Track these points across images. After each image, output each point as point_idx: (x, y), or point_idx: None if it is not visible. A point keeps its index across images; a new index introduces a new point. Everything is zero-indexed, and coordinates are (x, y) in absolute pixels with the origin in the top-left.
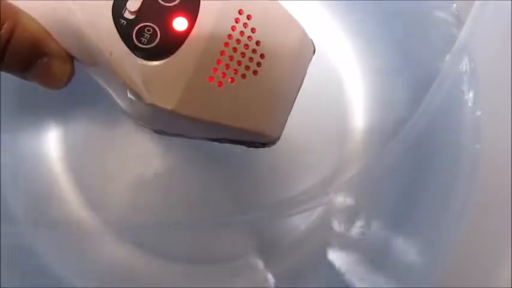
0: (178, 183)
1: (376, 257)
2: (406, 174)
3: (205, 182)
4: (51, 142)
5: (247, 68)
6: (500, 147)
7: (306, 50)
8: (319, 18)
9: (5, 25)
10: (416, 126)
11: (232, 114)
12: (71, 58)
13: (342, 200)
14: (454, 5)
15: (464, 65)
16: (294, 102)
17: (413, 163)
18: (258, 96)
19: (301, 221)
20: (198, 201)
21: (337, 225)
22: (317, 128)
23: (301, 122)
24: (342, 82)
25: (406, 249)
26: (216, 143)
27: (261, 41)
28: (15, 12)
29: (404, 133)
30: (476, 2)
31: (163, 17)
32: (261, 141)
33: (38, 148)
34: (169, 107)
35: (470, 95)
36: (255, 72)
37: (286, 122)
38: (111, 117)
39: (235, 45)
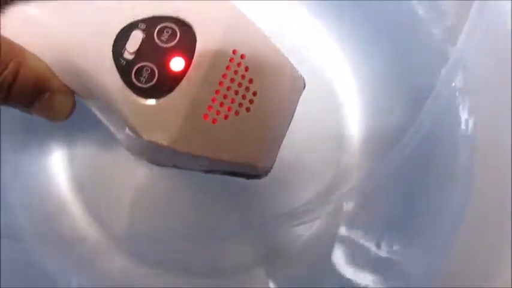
0: (182, 197)
1: (378, 263)
2: (404, 183)
3: (208, 197)
4: (58, 162)
5: (240, 105)
6: (495, 158)
7: (296, 85)
8: (314, 32)
9: (11, 65)
10: (414, 138)
11: (226, 149)
12: (72, 93)
13: (343, 209)
14: (449, 22)
15: (459, 79)
16: (285, 134)
17: (411, 173)
18: (251, 132)
19: (304, 231)
20: (200, 214)
21: (339, 233)
22: (315, 139)
23: (299, 134)
24: (338, 95)
25: (408, 256)
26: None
27: (253, 79)
28: (21, 51)
29: (401, 145)
30: (470, 18)
31: (161, 57)
32: (254, 173)
33: (45, 168)
34: (165, 143)
35: (465, 108)
36: (247, 109)
37: (277, 153)
38: (114, 140)
39: (229, 83)
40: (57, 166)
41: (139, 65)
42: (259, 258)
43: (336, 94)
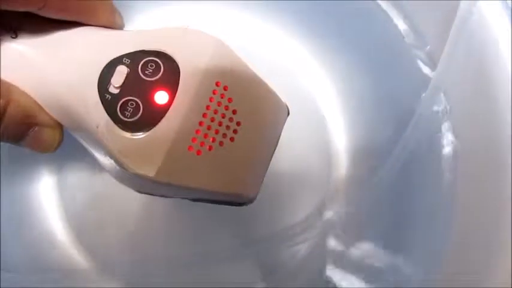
0: (173, 222)
1: (372, 274)
2: (391, 203)
3: (198, 220)
4: (47, 189)
5: (224, 135)
6: (477, 180)
7: (280, 114)
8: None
9: None
10: (397, 161)
11: (210, 179)
12: (61, 126)
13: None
14: (428, 47)
15: (441, 103)
16: (269, 162)
17: (396, 194)
18: (235, 161)
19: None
20: (192, 238)
21: (332, 247)
22: (303, 159)
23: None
24: (324, 116)
25: (401, 266)
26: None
27: (237, 109)
28: (8, 88)
29: (385, 168)
30: (448, 42)
31: (146, 91)
32: (239, 201)
33: (34, 195)
34: (150, 175)
35: (447, 131)
36: (231, 139)
37: (262, 181)
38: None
39: (213, 115)
40: (46, 193)
41: (124, 99)
42: (256, 277)
43: (322, 115)
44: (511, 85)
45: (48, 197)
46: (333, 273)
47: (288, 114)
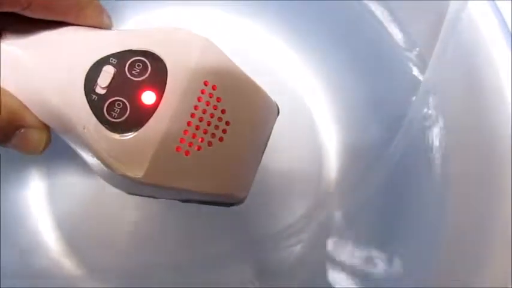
0: (164, 227)
1: (366, 274)
2: (383, 204)
3: (190, 225)
4: (36, 194)
5: (213, 135)
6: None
7: (270, 113)
8: (291, 62)
9: None
10: (388, 163)
11: (199, 180)
12: (47, 128)
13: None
14: (418, 49)
15: (430, 105)
16: (259, 162)
17: (388, 195)
18: (225, 161)
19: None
20: (183, 243)
21: (326, 248)
22: (292, 166)
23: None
24: (315, 122)
25: (394, 265)
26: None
27: (226, 109)
28: None
29: (376, 171)
30: (438, 44)
31: (133, 91)
32: (229, 201)
33: (22, 200)
34: (137, 176)
35: (437, 133)
36: (220, 139)
37: (252, 181)
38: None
39: (201, 115)
40: (36, 197)
41: (111, 99)
42: (250, 280)
43: (312, 117)
44: (500, 84)
45: (38, 201)
46: (327, 274)
47: (278, 113)
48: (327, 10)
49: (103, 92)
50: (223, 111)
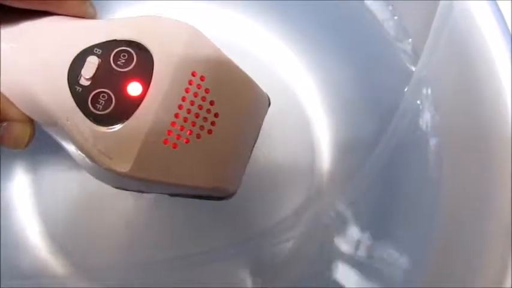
0: (153, 223)
1: (360, 266)
2: (377, 197)
3: (179, 221)
4: (21, 188)
5: (201, 127)
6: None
7: (260, 104)
8: (282, 55)
9: None
10: (381, 156)
11: (188, 173)
12: (31, 121)
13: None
14: (410, 39)
15: (424, 96)
16: (250, 155)
17: (382, 187)
18: (214, 154)
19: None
20: (173, 239)
21: (321, 243)
22: (285, 158)
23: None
24: (307, 114)
25: (389, 258)
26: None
27: (215, 100)
28: None
29: (370, 163)
30: (431, 34)
31: (118, 82)
32: (219, 195)
33: (6, 197)
34: (123, 170)
35: (431, 123)
36: (209, 131)
37: (243, 175)
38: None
39: (189, 106)
40: (20, 194)
41: (95, 91)
42: (244, 276)
43: (304, 110)
44: (494, 74)
45: (23, 198)
46: (322, 268)
47: (269, 104)
48: (319, 2)
49: (87, 83)
50: (212, 103)
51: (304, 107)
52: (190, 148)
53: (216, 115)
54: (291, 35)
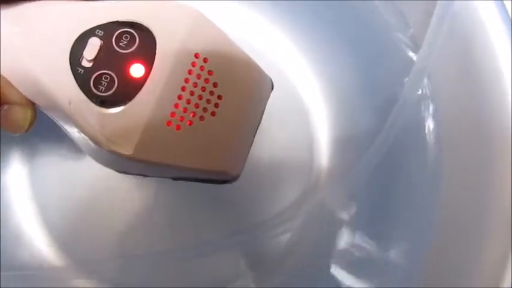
0: (151, 213)
1: (358, 262)
2: (376, 190)
3: (177, 212)
4: (17, 181)
5: (205, 110)
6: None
7: (264, 87)
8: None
9: None
10: (381, 148)
11: (191, 156)
12: (33, 105)
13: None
14: (412, 29)
15: (424, 87)
16: (253, 138)
17: (381, 181)
18: (217, 137)
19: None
20: (171, 231)
21: (317, 237)
22: (284, 151)
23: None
24: (306, 106)
25: (386, 252)
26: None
27: (218, 82)
28: None
29: (369, 154)
30: (431, 26)
31: (120, 64)
32: (223, 178)
33: (4, 188)
34: (127, 152)
35: (431, 115)
36: (213, 114)
37: (246, 158)
38: (79, 154)
39: (192, 88)
40: (17, 184)
41: (97, 73)
42: (240, 269)
43: (303, 103)
44: (496, 65)
45: (19, 188)
46: (319, 263)
47: (272, 88)
48: None
49: (89, 65)
50: (215, 85)
51: (303, 99)
52: (193, 130)
53: (219, 97)
54: (291, 27)
